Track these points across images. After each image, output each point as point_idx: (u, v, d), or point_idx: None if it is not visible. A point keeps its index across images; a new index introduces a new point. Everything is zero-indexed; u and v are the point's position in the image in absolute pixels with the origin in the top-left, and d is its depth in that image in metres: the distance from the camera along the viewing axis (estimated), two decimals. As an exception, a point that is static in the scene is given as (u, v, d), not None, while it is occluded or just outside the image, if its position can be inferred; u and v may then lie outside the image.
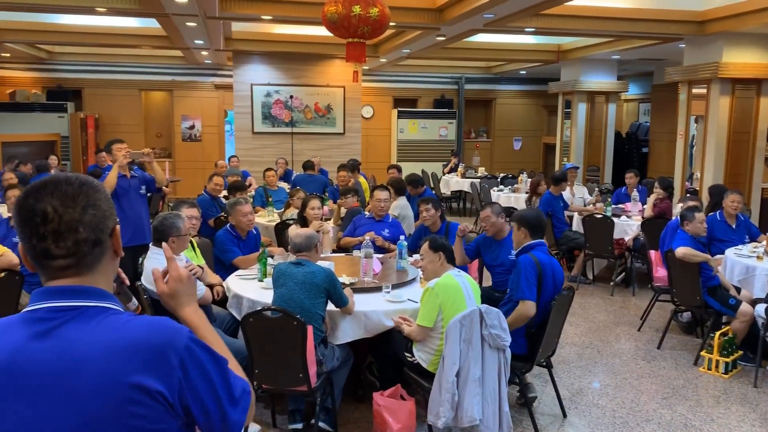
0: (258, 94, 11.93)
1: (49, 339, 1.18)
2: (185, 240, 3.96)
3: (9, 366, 1.17)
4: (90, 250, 1.23)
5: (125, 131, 13.78)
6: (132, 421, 1.16)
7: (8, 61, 12.79)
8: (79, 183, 1.24)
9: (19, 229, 1.23)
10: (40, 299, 1.22)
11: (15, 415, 1.16)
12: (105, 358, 1.16)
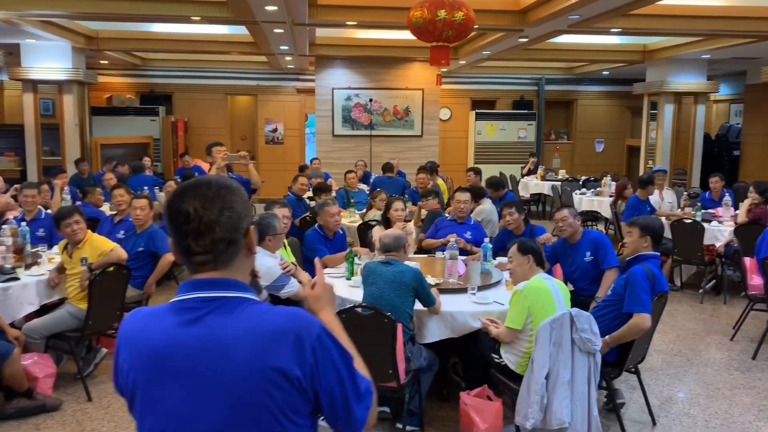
0: (339, 97, 12.19)
1: (198, 326, 1.31)
2: (280, 239, 4.14)
3: (163, 351, 1.31)
4: (225, 248, 1.35)
5: (212, 134, 14.36)
6: (272, 401, 1.27)
7: (106, 68, 13.58)
8: (217, 187, 1.36)
9: (168, 226, 1.37)
10: (188, 290, 1.35)
11: (169, 396, 1.30)
12: (249, 343, 1.28)
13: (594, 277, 4.70)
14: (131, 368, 1.35)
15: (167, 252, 5.21)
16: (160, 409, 1.32)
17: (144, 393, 1.34)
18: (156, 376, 1.32)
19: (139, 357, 1.34)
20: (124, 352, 1.38)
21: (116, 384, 1.42)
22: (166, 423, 1.31)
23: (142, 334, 1.35)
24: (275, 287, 3.94)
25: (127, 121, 13.22)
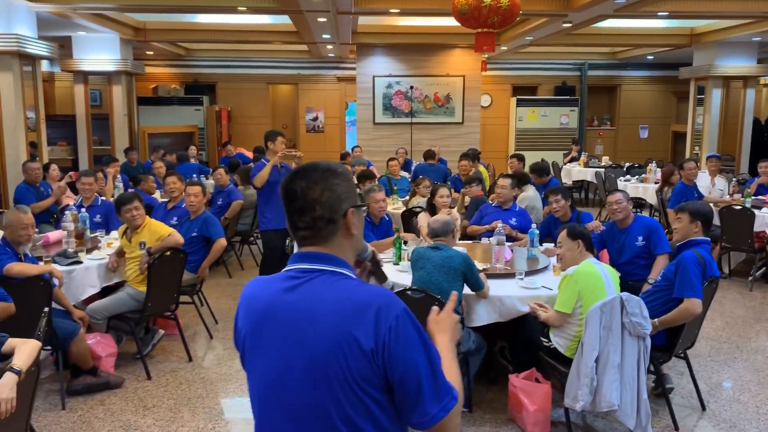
0: (379, 85, 12.26)
1: (295, 293, 1.45)
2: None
3: (266, 313, 1.48)
4: (324, 226, 1.47)
5: (254, 123, 14.62)
6: (347, 368, 1.37)
7: (152, 59, 13.90)
8: (323, 170, 1.48)
9: (283, 205, 1.51)
10: (294, 261, 1.50)
11: (266, 353, 1.46)
12: (333, 312, 1.40)
13: (644, 263, 4.69)
14: (243, 327, 1.52)
15: (220, 237, 5.37)
16: (259, 364, 1.48)
17: (250, 350, 1.50)
18: (259, 334, 1.48)
19: (249, 317, 1.51)
20: (241, 312, 1.55)
21: (235, 341, 1.58)
22: (262, 376, 1.47)
23: (255, 297, 1.52)
24: (326, 271, 4.04)
25: (173, 111, 13.52)
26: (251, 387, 1.52)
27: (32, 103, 8.18)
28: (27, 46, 7.51)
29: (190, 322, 5.51)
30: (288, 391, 1.42)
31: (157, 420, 3.92)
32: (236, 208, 7.32)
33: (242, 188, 7.90)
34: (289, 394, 1.42)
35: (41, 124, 8.44)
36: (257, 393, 1.50)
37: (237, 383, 4.48)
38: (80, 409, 4.04)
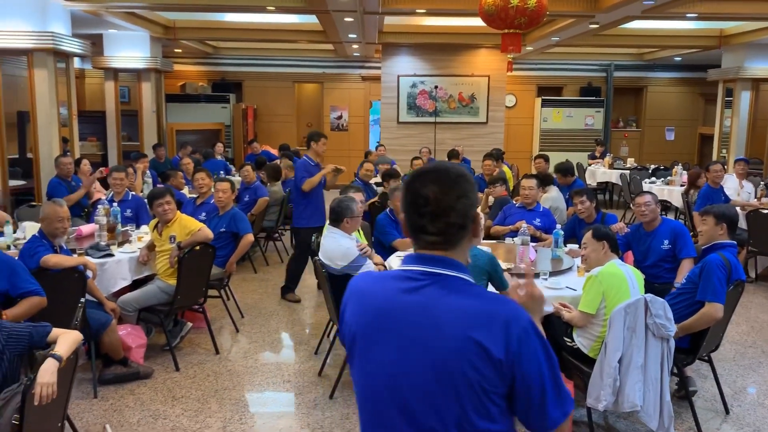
0: (404, 84, 12.31)
1: (417, 295, 1.46)
2: (357, 221, 4.31)
3: (384, 311, 1.49)
4: (456, 232, 1.48)
5: (279, 121, 14.76)
6: (473, 372, 1.40)
7: (181, 57, 14.10)
8: (455, 175, 1.49)
9: (406, 205, 1.51)
10: (412, 262, 1.50)
11: (383, 350, 1.48)
12: (459, 318, 1.42)
13: (669, 266, 4.69)
14: (354, 321, 1.54)
15: (248, 233, 5.47)
16: (373, 359, 1.50)
17: (361, 344, 1.52)
18: (374, 331, 1.49)
19: (362, 312, 1.53)
20: (351, 305, 1.57)
21: (339, 332, 1.62)
22: (377, 372, 1.49)
23: (369, 293, 1.53)
24: (352, 267, 4.12)
25: (200, 108, 13.70)
26: (360, 381, 1.54)
27: (65, 100, 8.37)
28: (61, 43, 7.69)
29: (217, 315, 5.62)
30: (405, 389, 1.44)
31: (186, 410, 4.02)
32: (262, 204, 7.43)
33: (268, 185, 8.02)
34: (407, 392, 1.44)
35: (73, 119, 8.63)
36: (369, 388, 1.51)
37: (263, 376, 4.57)
38: (111, 397, 4.16)
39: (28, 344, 2.78)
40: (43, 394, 2.52)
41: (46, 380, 2.54)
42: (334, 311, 4.23)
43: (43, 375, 2.54)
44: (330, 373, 4.59)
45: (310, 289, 6.81)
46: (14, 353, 2.75)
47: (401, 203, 1.53)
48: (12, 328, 2.78)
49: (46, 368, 2.56)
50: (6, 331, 2.75)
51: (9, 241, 4.97)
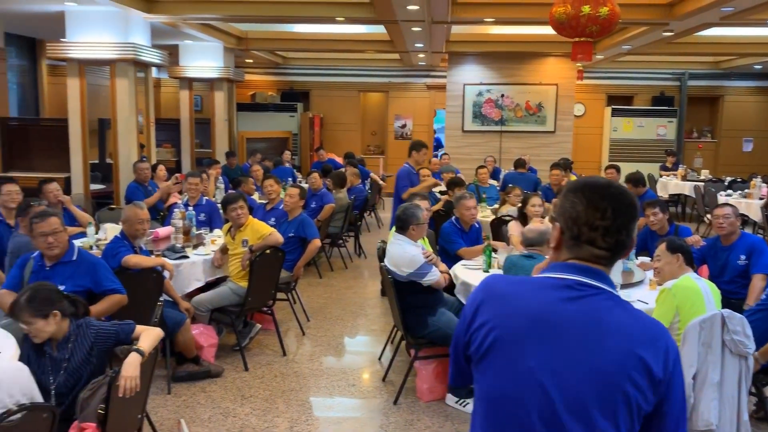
0: (470, 93, 12.28)
1: (579, 305, 1.45)
2: (423, 228, 4.34)
3: (541, 317, 1.47)
4: (621, 251, 1.50)
5: (345, 129, 14.97)
6: (634, 388, 1.40)
7: (251, 67, 14.52)
8: (631, 197, 1.50)
9: (577, 214, 1.48)
10: (567, 271, 1.49)
11: (534, 356, 1.46)
12: (623, 334, 1.43)
13: (747, 282, 4.51)
14: (496, 324, 1.50)
15: (315, 238, 5.59)
16: (521, 365, 1.46)
17: (506, 348, 1.48)
18: (524, 336, 1.47)
19: (509, 316, 1.49)
20: (490, 307, 1.53)
21: (459, 333, 1.58)
22: (524, 379, 1.45)
23: (516, 297, 1.51)
24: (418, 275, 4.14)
25: (269, 117, 14.04)
26: (495, 386, 1.50)
27: (142, 107, 8.76)
28: (142, 54, 8.06)
29: (284, 318, 5.74)
30: (557, 401, 1.42)
31: (254, 409, 4.13)
32: (328, 211, 7.55)
33: (334, 192, 8.15)
34: (558, 404, 1.42)
35: (151, 127, 9.01)
36: (509, 394, 1.48)
37: (328, 379, 4.64)
38: (184, 394, 4.32)
39: (114, 341, 2.93)
40: (127, 386, 2.65)
41: (130, 373, 2.67)
42: (398, 317, 4.27)
43: (127, 368, 2.68)
44: (394, 379, 4.62)
45: (374, 294, 6.87)
46: (102, 349, 2.91)
47: (560, 208, 1.51)
48: (100, 327, 2.94)
49: (130, 362, 2.69)
50: (95, 329, 2.91)
51: (91, 242, 5.24)
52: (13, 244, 4.39)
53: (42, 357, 2.86)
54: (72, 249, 3.74)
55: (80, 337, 2.88)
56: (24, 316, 2.76)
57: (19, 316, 2.77)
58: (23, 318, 2.77)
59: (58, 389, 2.83)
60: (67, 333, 2.86)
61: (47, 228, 3.59)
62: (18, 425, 2.17)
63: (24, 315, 2.76)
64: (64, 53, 7.80)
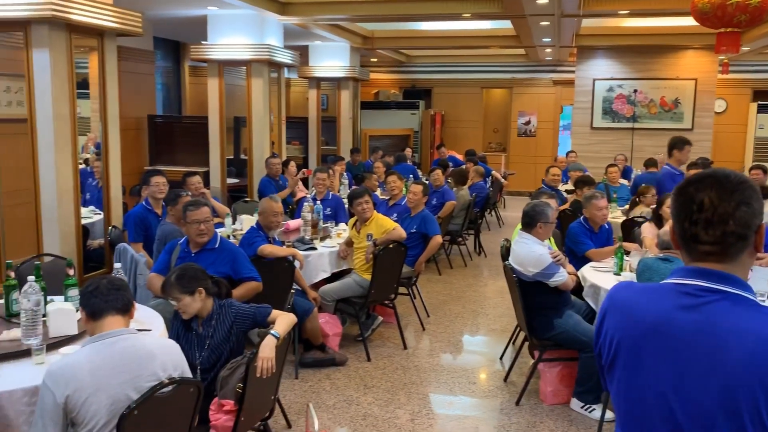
0: (600, 89, 11.80)
1: (698, 313, 1.35)
2: (551, 228, 4.23)
3: (657, 327, 1.39)
4: (734, 242, 1.34)
5: (466, 127, 14.89)
6: (759, 401, 1.26)
7: (376, 65, 14.80)
8: (737, 180, 1.36)
9: (676, 211, 1.42)
10: (688, 276, 1.38)
11: (655, 367, 1.39)
12: (752, 342, 1.29)
13: None
14: (619, 334, 1.44)
15: (437, 234, 5.61)
16: (641, 377, 1.40)
17: (628, 359, 1.43)
18: (644, 347, 1.40)
19: (630, 326, 1.43)
20: (613, 317, 1.48)
21: (598, 346, 1.52)
22: (645, 391, 1.40)
23: (637, 305, 1.44)
24: (545, 275, 4.04)
25: (391, 115, 14.25)
26: (622, 395, 1.45)
27: (274, 106, 9.17)
28: (275, 54, 8.45)
29: (404, 312, 5.80)
30: (679, 413, 1.34)
31: (376, 399, 4.23)
32: (449, 208, 7.55)
33: (455, 189, 8.13)
34: (680, 417, 1.34)
35: (282, 125, 9.43)
36: (634, 405, 1.42)
37: (448, 375, 4.65)
38: (310, 380, 4.49)
39: (252, 323, 3.11)
40: (264, 367, 2.80)
41: (267, 355, 2.82)
42: (523, 318, 4.19)
43: (264, 350, 2.83)
44: (516, 380, 4.55)
45: (495, 293, 6.80)
46: (240, 329, 3.10)
47: (672, 209, 1.42)
48: (240, 308, 3.13)
49: (266, 344, 2.85)
50: (235, 310, 3.11)
51: (229, 232, 5.57)
52: (161, 232, 4.76)
53: (189, 333, 3.10)
54: (215, 237, 4.01)
55: (222, 316, 3.09)
56: (173, 292, 3.01)
57: (170, 292, 3.02)
58: (173, 294, 3.01)
59: (202, 365, 3.05)
60: (210, 311, 3.08)
61: (200, 216, 3.89)
62: (168, 397, 2.36)
63: (173, 291, 3.01)
64: (206, 55, 8.33)
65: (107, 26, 5.10)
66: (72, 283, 3.33)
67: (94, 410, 2.23)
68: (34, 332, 2.89)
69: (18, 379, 2.59)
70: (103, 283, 2.45)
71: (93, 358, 2.29)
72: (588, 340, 3.96)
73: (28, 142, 4.93)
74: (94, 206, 6.35)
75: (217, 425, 2.82)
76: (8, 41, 5.14)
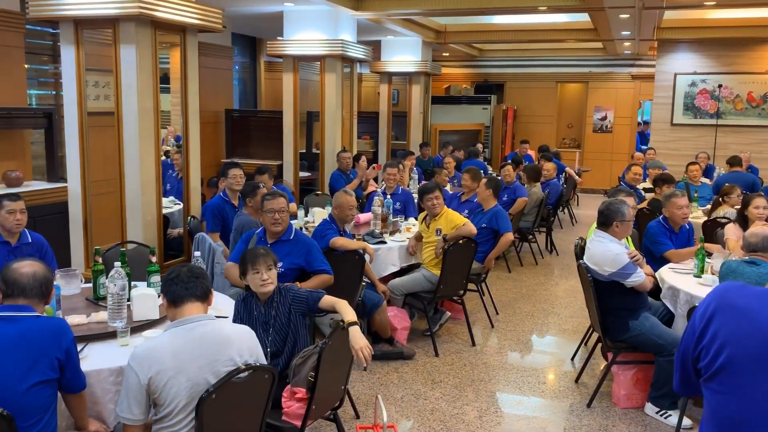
0: (681, 83, 11.34)
1: None
2: (628, 226, 4.09)
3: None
4: None
5: (539, 122, 14.61)
6: None
7: (447, 60, 14.71)
8: None
9: None
10: None
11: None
12: None
13: None
14: (731, 339, 1.39)
15: (508, 231, 5.54)
16: (757, 391, 1.36)
17: (739, 371, 1.38)
18: (763, 360, 1.35)
19: (748, 332, 1.38)
20: (723, 320, 1.42)
21: (688, 345, 1.48)
22: (760, 405, 1.35)
23: (754, 314, 1.39)
24: (621, 275, 3.92)
25: (462, 110, 14.14)
26: (727, 406, 1.41)
27: (346, 101, 9.26)
28: (349, 50, 8.52)
29: (473, 309, 5.76)
30: None
31: (444, 394, 4.22)
32: (521, 204, 7.43)
33: (527, 186, 7.99)
34: None
35: (353, 119, 9.51)
36: (743, 415, 1.38)
37: (517, 374, 4.59)
38: (378, 372, 4.53)
39: (306, 307, 3.15)
40: (365, 354, 2.81)
41: (362, 343, 2.83)
42: (597, 318, 4.08)
43: (358, 340, 2.83)
44: (587, 382, 4.44)
45: (566, 293, 6.66)
46: (298, 312, 3.15)
47: None
48: (296, 292, 3.20)
49: (356, 334, 2.85)
50: (292, 293, 3.18)
51: (301, 224, 5.68)
52: (238, 222, 4.90)
53: (251, 317, 3.18)
54: (290, 229, 4.10)
55: (282, 298, 3.16)
56: (267, 260, 3.11)
57: (264, 261, 3.09)
58: (267, 263, 3.10)
59: (271, 348, 3.13)
60: (272, 294, 3.15)
61: (276, 206, 4.00)
62: (244, 382, 2.43)
63: (268, 260, 3.11)
64: (282, 50, 8.50)
65: (189, 22, 5.27)
66: (154, 269, 3.48)
67: (175, 392, 2.32)
68: (119, 315, 3.04)
69: (105, 359, 2.74)
70: (184, 271, 2.55)
71: (174, 342, 2.38)
72: (665, 344, 3.82)
73: (114, 134, 5.18)
74: (174, 197, 6.62)
75: (289, 412, 2.88)
76: (96, 38, 5.39)
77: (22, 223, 3.94)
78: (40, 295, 2.46)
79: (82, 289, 3.63)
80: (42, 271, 2.49)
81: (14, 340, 2.30)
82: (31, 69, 6.75)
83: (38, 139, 6.60)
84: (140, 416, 2.35)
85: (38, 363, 2.31)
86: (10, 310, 2.39)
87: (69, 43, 5.15)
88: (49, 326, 2.40)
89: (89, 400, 2.62)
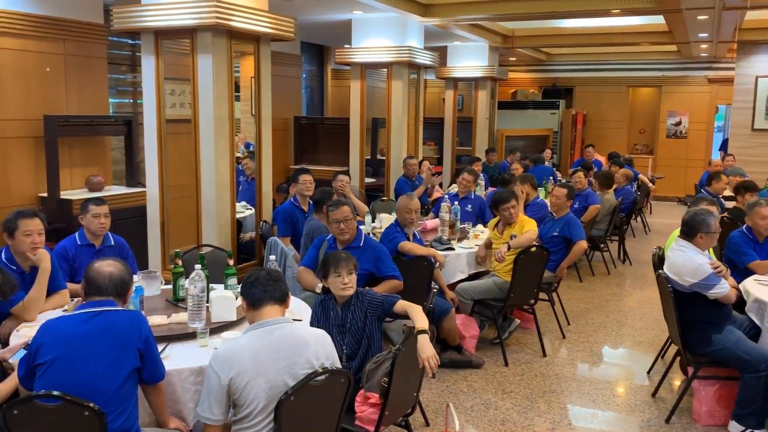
0: (763, 87, 10.80)
1: None
2: (713, 238, 3.91)
3: None
4: None
5: (610, 127, 14.23)
6: None
7: (514, 64, 14.53)
8: None
9: None
10: None
11: None
12: None
13: None
14: None
15: (581, 239, 5.40)
16: None
17: None
18: None
19: None
20: None
21: None
22: None
23: None
24: (704, 286, 3.75)
25: (529, 115, 13.92)
26: None
27: (413, 107, 9.26)
28: (416, 56, 8.53)
29: (543, 318, 5.63)
30: None
31: (515, 405, 4.14)
32: (593, 212, 7.23)
33: (599, 193, 7.78)
34: None
35: (419, 125, 9.51)
36: None
37: (591, 386, 4.46)
38: (447, 380, 4.48)
39: (381, 311, 3.17)
40: (431, 364, 2.80)
41: (430, 353, 2.82)
42: (677, 331, 3.92)
43: (426, 350, 2.82)
44: (664, 396, 4.28)
45: (640, 304, 6.44)
46: (373, 317, 3.17)
47: None
48: (372, 296, 3.22)
49: (423, 344, 2.84)
50: (369, 297, 3.20)
51: (368, 229, 5.70)
52: (309, 227, 4.97)
53: (328, 320, 3.22)
54: (359, 235, 4.12)
55: (359, 302, 3.18)
56: (349, 264, 3.16)
57: (345, 264, 3.15)
58: (349, 266, 3.15)
59: (347, 350, 3.15)
60: (349, 297, 3.17)
61: (339, 215, 4.02)
62: (321, 386, 2.45)
63: (350, 263, 3.16)
64: (350, 58, 8.59)
65: (263, 32, 5.39)
66: (231, 272, 3.57)
67: (255, 394, 2.36)
68: (199, 316, 3.12)
69: (186, 359, 2.81)
70: (262, 274, 2.59)
71: (254, 344, 2.43)
72: (752, 360, 3.63)
73: (191, 141, 5.34)
74: (246, 202, 6.77)
75: (362, 417, 2.89)
76: (173, 48, 5.59)
77: (106, 227, 4.10)
78: (115, 294, 2.55)
79: (162, 291, 3.75)
80: (119, 272, 2.58)
81: (97, 333, 2.40)
82: (111, 78, 7.05)
83: (117, 146, 6.89)
84: (220, 416, 2.40)
85: (123, 353, 2.40)
86: (89, 306, 2.50)
87: (149, 53, 5.35)
88: (128, 317, 2.51)
89: (170, 398, 2.70)
